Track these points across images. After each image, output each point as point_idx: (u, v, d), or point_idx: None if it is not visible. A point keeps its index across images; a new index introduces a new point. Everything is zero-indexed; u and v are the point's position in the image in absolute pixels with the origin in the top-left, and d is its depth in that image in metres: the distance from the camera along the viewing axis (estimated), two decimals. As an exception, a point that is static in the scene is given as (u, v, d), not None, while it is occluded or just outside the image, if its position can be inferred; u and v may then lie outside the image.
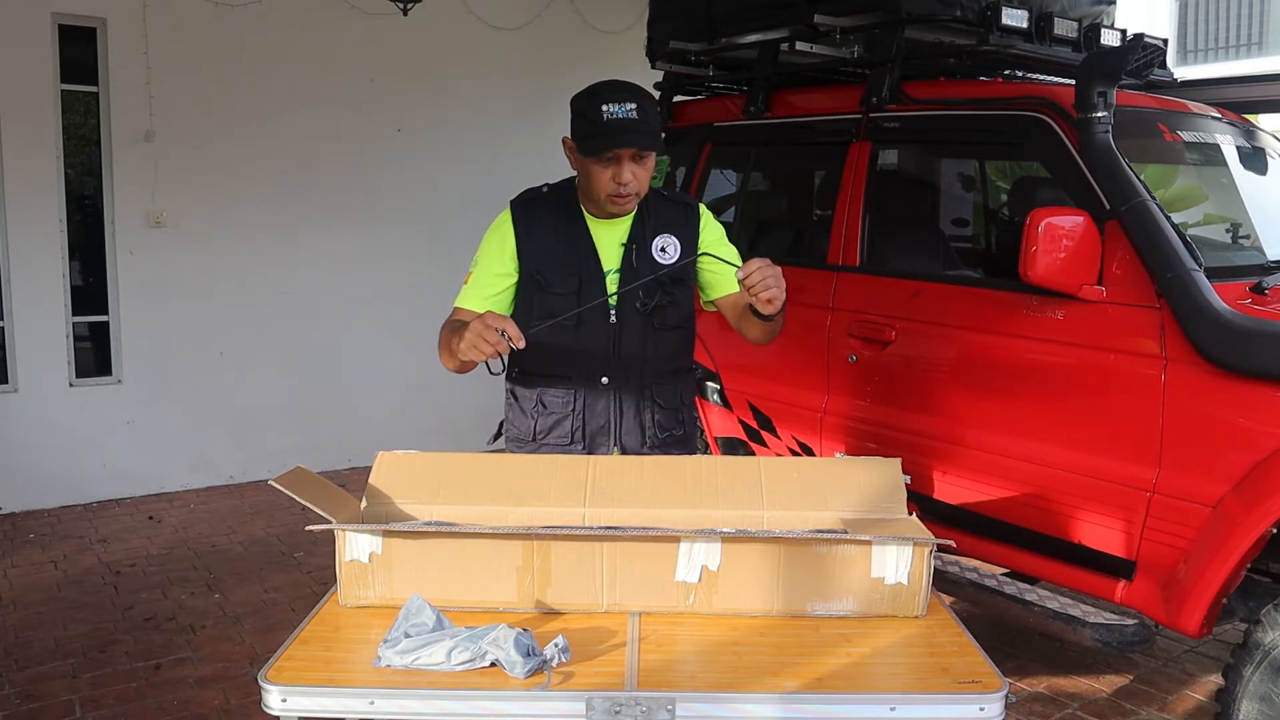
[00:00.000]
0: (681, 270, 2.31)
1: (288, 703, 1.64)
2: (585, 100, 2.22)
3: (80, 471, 5.20)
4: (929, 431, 3.04)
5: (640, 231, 2.31)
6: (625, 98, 2.18)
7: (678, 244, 2.32)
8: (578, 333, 2.27)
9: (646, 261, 2.29)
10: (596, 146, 2.18)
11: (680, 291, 2.33)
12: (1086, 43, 3.39)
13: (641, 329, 2.30)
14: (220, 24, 5.31)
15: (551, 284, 2.28)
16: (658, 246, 2.31)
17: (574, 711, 1.60)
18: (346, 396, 5.87)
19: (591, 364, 2.29)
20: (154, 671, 3.40)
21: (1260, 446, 2.32)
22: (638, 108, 2.17)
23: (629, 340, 2.29)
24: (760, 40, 3.86)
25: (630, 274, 2.28)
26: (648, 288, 2.28)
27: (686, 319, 2.38)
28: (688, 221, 2.36)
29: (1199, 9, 15.51)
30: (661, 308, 2.30)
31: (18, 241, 4.99)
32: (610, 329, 2.28)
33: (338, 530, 1.92)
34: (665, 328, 2.33)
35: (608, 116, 2.16)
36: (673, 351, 2.37)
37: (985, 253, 4.00)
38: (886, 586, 1.92)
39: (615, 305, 2.28)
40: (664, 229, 2.33)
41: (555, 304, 2.26)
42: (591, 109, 2.18)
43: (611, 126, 2.16)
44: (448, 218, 6.03)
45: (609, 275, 2.29)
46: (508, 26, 6.13)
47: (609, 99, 2.18)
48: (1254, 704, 2.33)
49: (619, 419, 2.32)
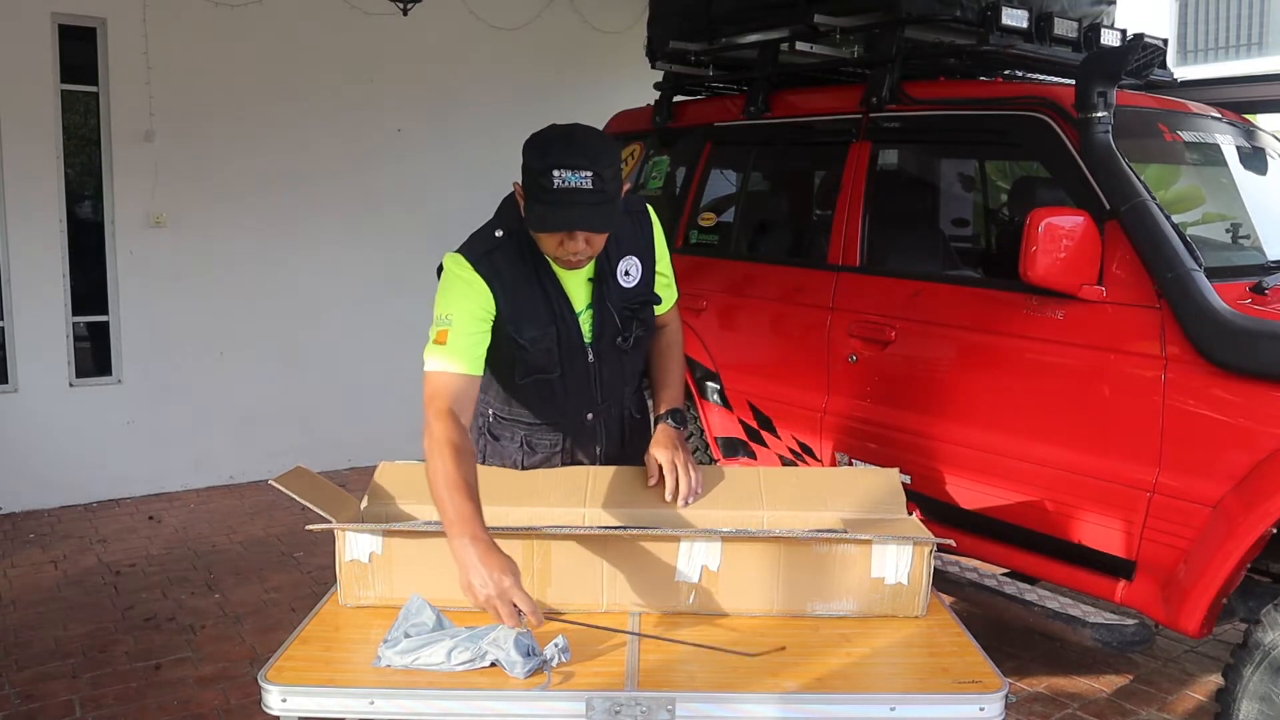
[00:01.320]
0: (646, 290, 2.23)
1: (288, 703, 1.64)
2: (537, 155, 1.95)
3: (80, 471, 5.20)
4: (929, 431, 3.04)
5: (604, 264, 2.15)
6: (581, 162, 1.90)
7: (638, 263, 2.20)
8: (562, 381, 2.19)
9: (617, 294, 2.18)
10: (542, 220, 1.97)
11: (648, 312, 2.26)
12: (1086, 43, 3.39)
13: (618, 360, 2.23)
14: (220, 24, 5.31)
15: (534, 340, 2.11)
16: (621, 271, 2.18)
17: (574, 711, 1.60)
18: (346, 396, 5.87)
19: (577, 406, 2.24)
20: (154, 671, 3.40)
21: (1260, 446, 2.32)
22: (594, 175, 1.90)
23: (609, 374, 2.23)
24: (760, 40, 3.86)
25: (604, 311, 2.17)
26: (622, 321, 2.18)
27: (652, 333, 2.32)
28: (641, 232, 2.23)
29: (1199, 9, 15.51)
30: (638, 337, 2.23)
31: (18, 241, 4.99)
32: (590, 369, 2.20)
33: (338, 530, 1.92)
34: (639, 349, 2.28)
35: (558, 184, 1.90)
36: (642, 363, 2.34)
37: (985, 253, 4.00)
38: (886, 586, 1.93)
39: (591, 343, 2.18)
40: (625, 251, 2.18)
41: (539, 359, 2.15)
42: (542, 171, 1.91)
43: (561, 198, 1.91)
44: (448, 218, 5.99)
45: (581, 315, 2.17)
46: (508, 26, 6.13)
47: (562, 161, 1.90)
48: (1254, 704, 2.33)
49: (605, 441, 2.30)
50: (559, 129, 2.00)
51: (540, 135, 1.99)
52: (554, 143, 1.95)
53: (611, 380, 2.24)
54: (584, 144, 1.95)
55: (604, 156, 1.95)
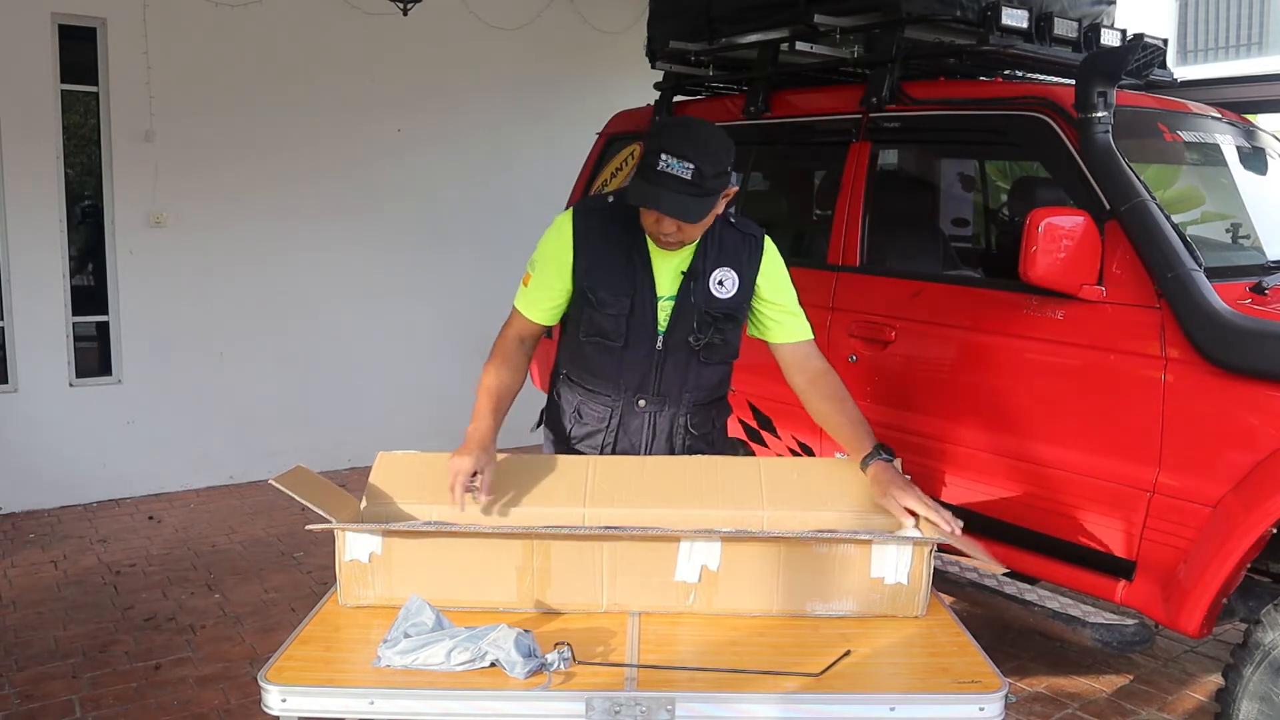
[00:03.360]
0: (736, 308, 2.26)
1: (287, 703, 1.65)
2: (654, 136, 2.08)
3: (80, 471, 5.20)
4: (929, 431, 3.04)
5: (701, 263, 2.22)
6: (687, 153, 2.00)
7: (736, 279, 2.25)
8: (623, 353, 2.25)
9: (703, 295, 2.23)
10: (633, 193, 2.07)
11: (731, 328, 2.28)
12: (1086, 43, 3.39)
13: (685, 360, 2.26)
14: (220, 24, 5.31)
15: (604, 303, 2.22)
16: (715, 280, 2.23)
17: (574, 712, 1.60)
18: (346, 396, 5.87)
19: (632, 386, 2.28)
20: (154, 671, 3.40)
21: (1260, 446, 2.32)
22: (695, 169, 2.00)
23: (671, 369, 2.26)
24: (760, 40, 3.86)
25: (685, 305, 2.22)
26: (700, 322, 2.23)
27: (732, 354, 2.35)
28: (750, 254, 2.27)
29: (1199, 9, 15.51)
30: (711, 345, 2.26)
31: (18, 241, 4.99)
32: (655, 355, 2.25)
33: (337, 530, 1.92)
34: (710, 361, 2.30)
35: (661, 166, 2.01)
36: (713, 383, 2.35)
37: (985, 253, 4.00)
38: (886, 586, 1.93)
39: (664, 331, 2.24)
40: (725, 261, 2.24)
41: (605, 323, 2.23)
42: (653, 150, 2.03)
43: (657, 179, 2.02)
44: (448, 218, 6.04)
45: (662, 302, 2.23)
46: (508, 26, 6.12)
47: (671, 147, 2.01)
48: (1254, 704, 2.33)
49: (651, 440, 2.32)
50: (686, 120, 2.23)
51: (665, 120, 2.18)
52: (673, 130, 2.11)
53: (672, 376, 2.27)
54: (697, 138, 2.06)
55: (712, 155, 2.04)
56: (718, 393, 2.39)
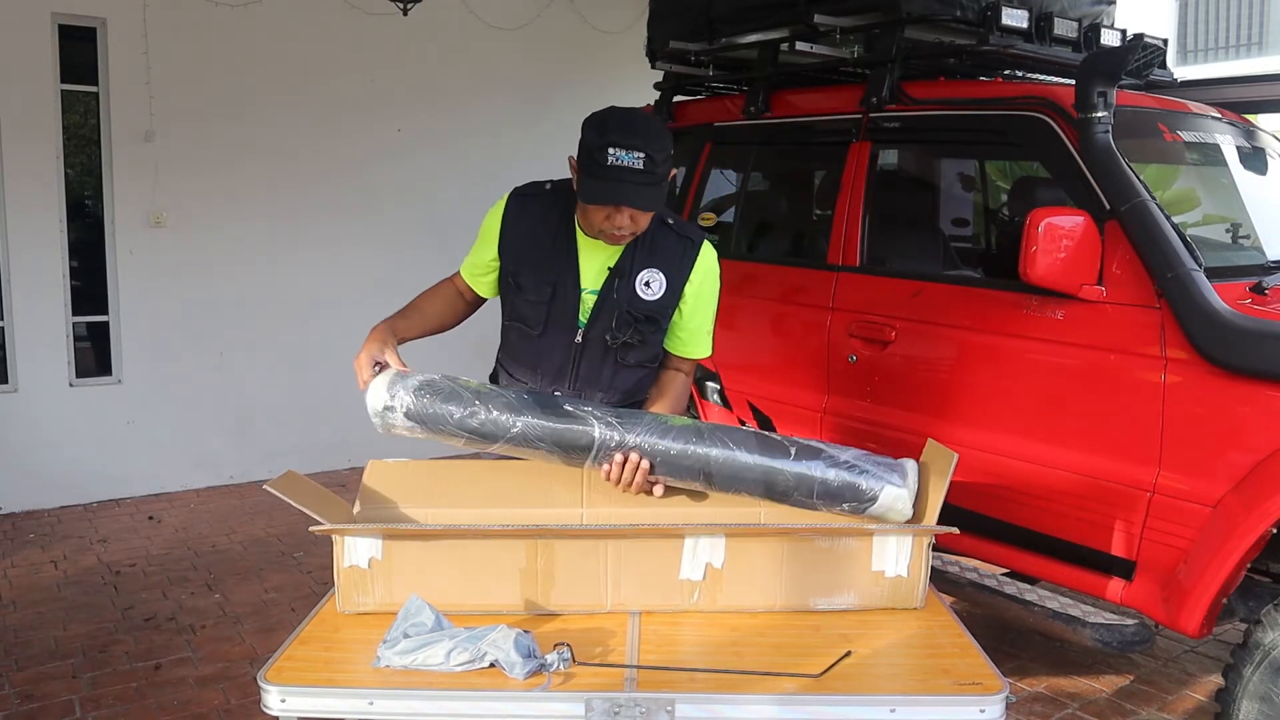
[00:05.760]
0: (660, 311, 2.22)
1: (287, 703, 1.65)
2: (595, 132, 2.05)
3: (80, 471, 5.20)
4: (929, 431, 3.02)
5: (629, 261, 2.19)
6: (636, 143, 2.00)
7: (664, 281, 2.20)
8: (541, 341, 2.24)
9: (627, 293, 2.18)
10: (592, 193, 2.05)
11: (651, 332, 2.23)
12: (1086, 43, 3.39)
13: (602, 357, 2.23)
14: (220, 24, 5.31)
15: (524, 289, 2.22)
16: (642, 280, 2.19)
17: (573, 713, 1.60)
18: (347, 396, 5.81)
19: (549, 375, 2.25)
20: (154, 671, 3.40)
21: (1260, 446, 2.32)
22: (646, 157, 2.00)
23: (588, 364, 2.23)
24: (760, 40, 3.86)
25: (608, 301, 2.19)
26: (619, 322, 2.19)
27: (653, 359, 2.30)
28: (683, 258, 2.22)
29: (1199, 9, 15.51)
30: (629, 345, 2.21)
31: (18, 241, 4.99)
32: (574, 348, 2.22)
33: (338, 535, 1.91)
34: (627, 363, 2.25)
35: (612, 161, 2.00)
36: (631, 387, 2.29)
37: (985, 253, 4.00)
38: (887, 579, 1.93)
39: (584, 324, 2.21)
40: (655, 262, 2.20)
41: (525, 309, 2.23)
42: (599, 147, 2.01)
43: (612, 174, 2.00)
44: (448, 217, 6.02)
45: (585, 294, 2.20)
46: (508, 26, 6.12)
47: (618, 140, 2.00)
48: (1254, 704, 2.33)
49: None
50: (619, 110, 2.10)
51: (600, 114, 2.09)
52: (612, 122, 2.06)
53: (588, 374, 2.24)
54: (640, 127, 2.05)
55: (657, 141, 2.05)
56: (635, 397, 2.30)
